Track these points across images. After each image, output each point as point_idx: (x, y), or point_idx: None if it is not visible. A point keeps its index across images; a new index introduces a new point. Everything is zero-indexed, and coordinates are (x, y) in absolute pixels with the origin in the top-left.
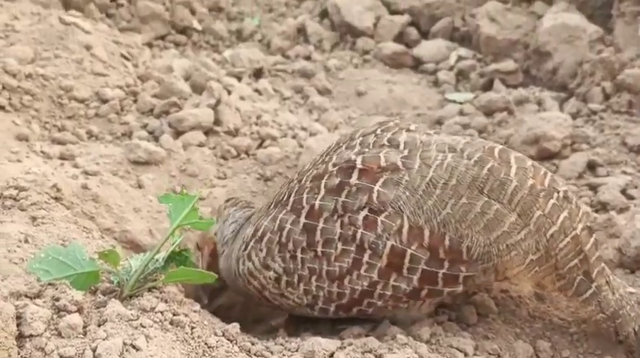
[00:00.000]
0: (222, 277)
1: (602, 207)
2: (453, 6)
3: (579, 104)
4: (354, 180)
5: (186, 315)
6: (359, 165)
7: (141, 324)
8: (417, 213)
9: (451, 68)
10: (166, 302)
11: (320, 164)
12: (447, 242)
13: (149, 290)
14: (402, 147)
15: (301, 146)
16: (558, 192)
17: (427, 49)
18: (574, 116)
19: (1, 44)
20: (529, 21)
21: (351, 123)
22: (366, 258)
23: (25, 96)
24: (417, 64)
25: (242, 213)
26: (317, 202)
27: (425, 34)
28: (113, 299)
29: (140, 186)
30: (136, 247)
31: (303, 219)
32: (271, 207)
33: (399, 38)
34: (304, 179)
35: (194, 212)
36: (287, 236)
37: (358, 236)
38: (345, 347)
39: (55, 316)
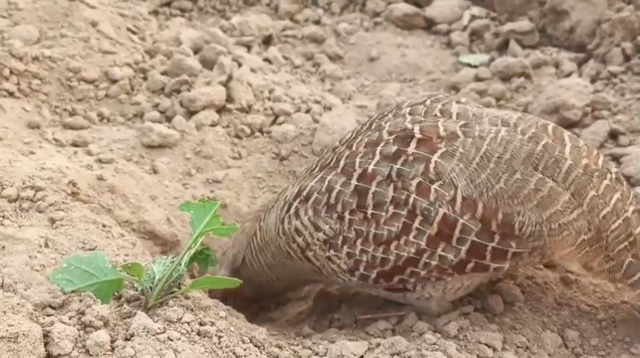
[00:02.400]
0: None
1: (627, 180)
2: None
3: (598, 66)
4: (411, 148)
5: (212, 324)
6: (417, 134)
7: (168, 337)
8: (470, 186)
9: (464, 28)
10: (192, 310)
11: (370, 131)
12: (500, 215)
13: (174, 297)
14: (455, 117)
15: (316, 121)
16: (611, 173)
17: (439, 8)
18: (593, 79)
19: (5, 24)
20: None
21: (365, 91)
22: (416, 223)
23: (34, 80)
24: (429, 25)
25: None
26: (371, 166)
27: None
28: (139, 312)
29: (155, 172)
30: (155, 238)
31: (354, 182)
32: (316, 170)
33: None
34: (355, 145)
35: (216, 219)
36: (336, 197)
37: (411, 201)
38: (373, 349)
39: (81, 333)
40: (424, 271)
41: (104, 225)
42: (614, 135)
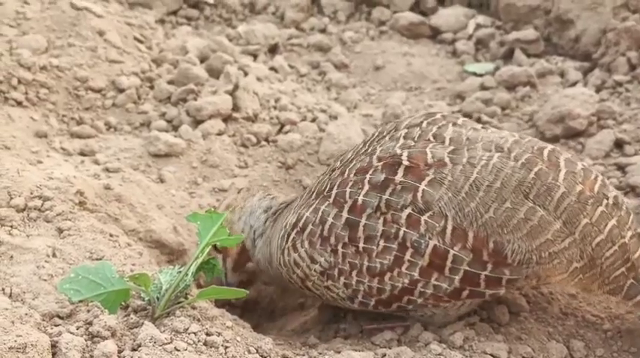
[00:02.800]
0: (253, 268)
1: (632, 189)
2: None
3: (604, 75)
4: (399, 177)
5: (219, 334)
6: (405, 162)
7: (175, 348)
8: (459, 215)
9: (470, 37)
10: (199, 321)
11: (363, 156)
12: (491, 244)
13: (180, 307)
14: (447, 143)
15: (322, 130)
16: (607, 199)
17: (444, 17)
18: (598, 88)
19: (14, 34)
20: None
21: (371, 100)
22: (407, 256)
23: (42, 89)
24: (434, 34)
25: (268, 201)
26: (360, 198)
27: (442, 1)
28: (146, 322)
29: (162, 181)
30: (161, 246)
31: (345, 214)
32: (312, 197)
33: (416, 6)
34: (347, 171)
35: (222, 229)
36: (329, 230)
37: (401, 234)
38: None
39: (89, 343)
40: (420, 299)
41: (111, 235)
42: (619, 144)
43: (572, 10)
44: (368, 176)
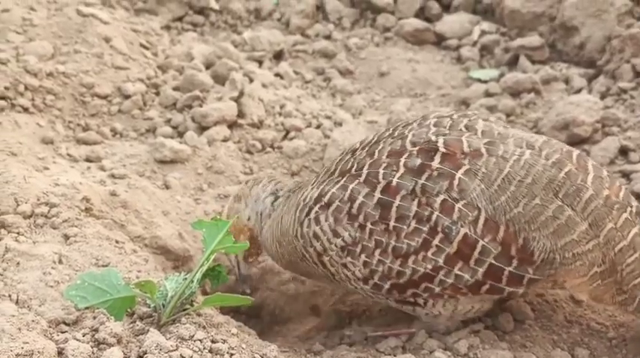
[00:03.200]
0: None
1: (636, 197)
2: None
3: (608, 82)
4: (435, 163)
5: (224, 341)
6: (442, 148)
7: (181, 355)
8: (489, 208)
9: (474, 43)
10: (204, 328)
11: (392, 139)
12: (520, 240)
13: (186, 314)
14: (479, 134)
15: (327, 137)
16: (632, 207)
17: (449, 23)
18: (603, 95)
19: (21, 40)
20: None
21: (375, 107)
22: (436, 240)
23: (48, 95)
24: (439, 40)
25: (273, 186)
26: (395, 180)
27: (446, 7)
28: (152, 329)
29: (167, 187)
30: (167, 253)
31: (378, 194)
32: (335, 175)
33: (421, 13)
34: (377, 153)
35: (228, 237)
36: (359, 207)
37: (433, 217)
38: None
39: (95, 350)
40: (439, 288)
41: (117, 241)
42: (624, 151)
43: (577, 17)
44: (403, 159)
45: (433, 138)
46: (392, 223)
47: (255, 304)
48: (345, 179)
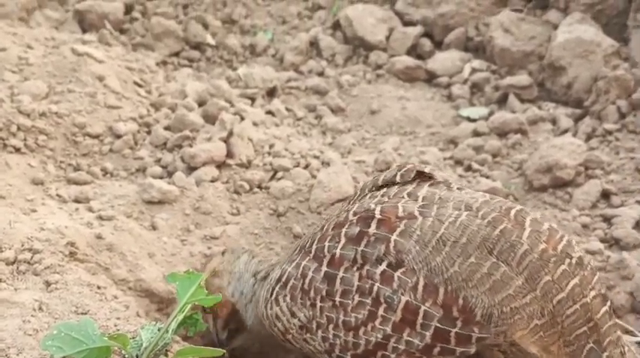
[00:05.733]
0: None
1: (616, 242)
2: (466, 15)
3: (594, 122)
4: (372, 229)
5: None
6: (377, 215)
7: None
8: (425, 269)
9: (465, 81)
10: None
11: (343, 212)
12: (460, 301)
13: None
14: (420, 200)
15: (314, 177)
16: (571, 258)
17: (440, 61)
18: (589, 136)
19: (16, 79)
20: (544, 31)
21: (365, 145)
22: (381, 311)
23: (40, 135)
24: (430, 78)
25: (255, 265)
26: (338, 251)
27: (438, 45)
28: None
29: (154, 228)
30: (151, 295)
31: (324, 268)
32: (295, 252)
33: (413, 50)
34: (326, 226)
35: (200, 289)
36: (309, 283)
37: (375, 289)
38: None
39: None
40: (394, 354)
41: (99, 287)
42: (606, 195)
43: (564, 57)
44: (344, 230)
45: (372, 206)
46: (337, 298)
47: (238, 345)
48: (299, 256)
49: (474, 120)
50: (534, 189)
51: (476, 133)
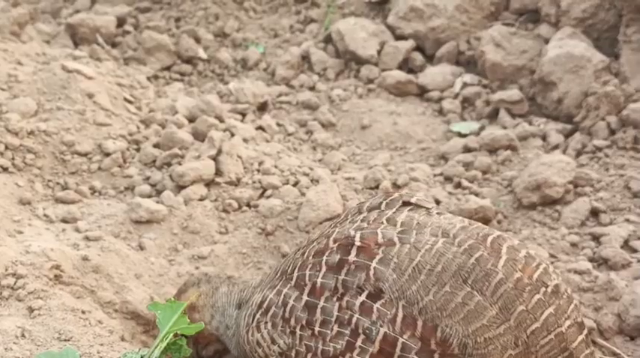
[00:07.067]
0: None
1: (604, 262)
2: (458, 29)
3: (584, 138)
4: (352, 257)
5: None
6: (357, 242)
7: None
8: (402, 300)
9: (456, 96)
10: None
11: (323, 238)
12: (438, 334)
13: None
14: (398, 225)
15: (303, 194)
16: (547, 287)
17: (432, 76)
18: (579, 152)
19: (5, 97)
20: (535, 45)
21: (355, 160)
22: (359, 342)
23: (28, 154)
24: (421, 92)
25: (237, 296)
26: (319, 280)
27: (430, 58)
28: None
29: (141, 248)
30: (137, 318)
31: (305, 297)
32: (277, 277)
33: (404, 64)
34: (307, 253)
35: (183, 318)
36: (290, 312)
37: (354, 320)
38: None
39: None
40: None
41: (83, 311)
42: (595, 213)
43: (555, 72)
44: (325, 258)
45: (352, 233)
46: (317, 328)
47: None
48: (281, 283)
49: (464, 136)
50: (523, 207)
51: (466, 149)
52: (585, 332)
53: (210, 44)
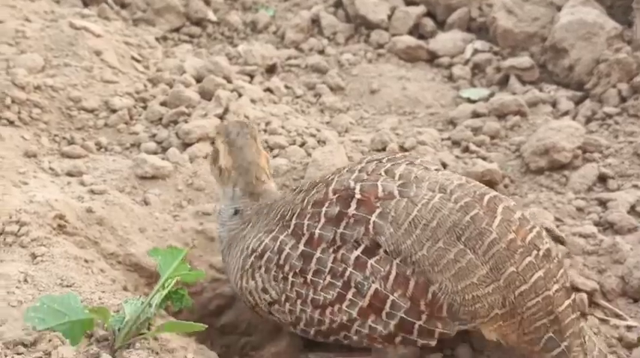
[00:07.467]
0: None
1: (610, 226)
2: None
3: (594, 106)
4: (352, 210)
5: None
6: (357, 195)
7: None
8: (395, 251)
9: (466, 62)
10: (157, 353)
11: (322, 185)
12: (429, 296)
13: (142, 339)
14: (397, 178)
15: (309, 155)
16: (538, 250)
17: (442, 42)
18: (589, 119)
19: (12, 52)
20: (547, 12)
21: (363, 124)
22: (349, 295)
23: (35, 109)
24: (432, 58)
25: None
26: (317, 231)
27: (441, 25)
28: (104, 354)
29: (146, 203)
30: (140, 270)
31: (301, 246)
32: (275, 221)
33: (415, 30)
34: (306, 201)
35: (183, 264)
36: (285, 259)
37: (347, 273)
38: None
39: None
40: (356, 337)
41: (86, 260)
42: (603, 178)
43: (567, 39)
44: (324, 209)
45: (352, 184)
46: (309, 277)
47: (228, 321)
48: (277, 228)
49: (474, 102)
50: (531, 172)
51: (475, 114)
52: (572, 297)
53: (219, 7)
